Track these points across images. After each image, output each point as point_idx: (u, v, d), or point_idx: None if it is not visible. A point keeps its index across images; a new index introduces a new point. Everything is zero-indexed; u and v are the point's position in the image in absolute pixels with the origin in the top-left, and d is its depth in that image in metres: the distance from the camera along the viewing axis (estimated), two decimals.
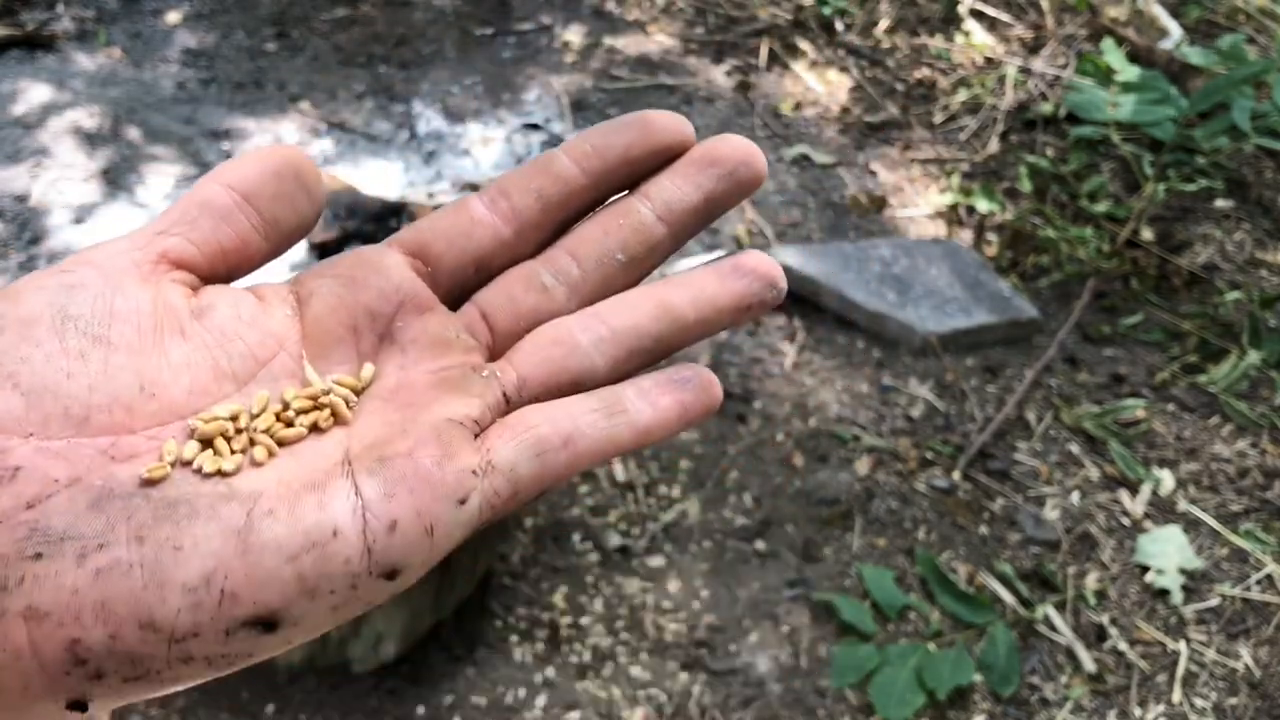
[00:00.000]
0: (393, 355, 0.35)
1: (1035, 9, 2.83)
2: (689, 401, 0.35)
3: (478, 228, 0.37)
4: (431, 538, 0.30)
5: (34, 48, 2.48)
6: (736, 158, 0.37)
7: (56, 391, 0.30)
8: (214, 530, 0.29)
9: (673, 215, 0.37)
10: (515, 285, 0.37)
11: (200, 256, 0.35)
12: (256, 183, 0.35)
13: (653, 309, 0.36)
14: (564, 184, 0.37)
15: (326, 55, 2.57)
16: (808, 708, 1.42)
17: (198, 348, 0.33)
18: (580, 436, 0.33)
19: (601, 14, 2.78)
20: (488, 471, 0.32)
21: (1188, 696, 1.47)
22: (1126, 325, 2.02)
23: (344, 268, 0.36)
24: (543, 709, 1.40)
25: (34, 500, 0.29)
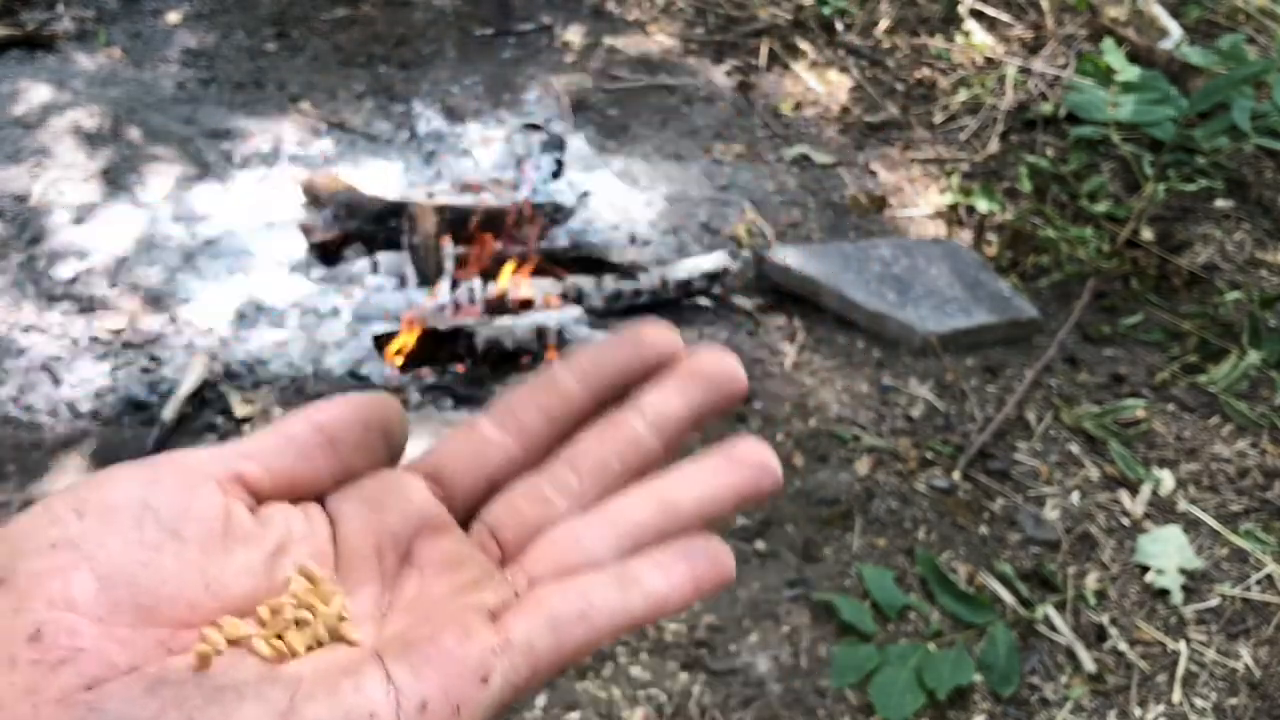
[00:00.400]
0: (411, 576, 0.37)
1: (1035, 9, 2.83)
2: (701, 572, 0.37)
3: (489, 448, 0.39)
4: (459, 716, 0.32)
5: (34, 48, 2.48)
6: (719, 373, 0.40)
7: (130, 579, 0.32)
8: (260, 712, 0.30)
9: (664, 426, 0.39)
10: (519, 499, 0.39)
11: (269, 484, 0.37)
12: (344, 429, 0.38)
13: (655, 507, 0.38)
14: (567, 401, 0.40)
15: (326, 55, 2.57)
16: (808, 708, 1.42)
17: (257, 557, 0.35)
18: (594, 610, 0.35)
19: (601, 14, 2.78)
20: (506, 649, 0.33)
21: (1188, 696, 1.47)
22: (1126, 325, 2.02)
23: (370, 491, 0.38)
24: (542, 709, 1.40)
25: (94, 682, 0.30)
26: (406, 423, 0.39)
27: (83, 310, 1.89)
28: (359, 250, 2.01)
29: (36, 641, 0.30)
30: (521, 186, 2.15)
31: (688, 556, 0.37)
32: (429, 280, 1.92)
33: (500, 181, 2.17)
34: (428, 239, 1.94)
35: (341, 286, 1.96)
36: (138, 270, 1.97)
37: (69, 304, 1.90)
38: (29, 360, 1.80)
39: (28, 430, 1.68)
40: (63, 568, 0.31)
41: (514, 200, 2.07)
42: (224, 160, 2.24)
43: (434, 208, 1.98)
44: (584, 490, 0.39)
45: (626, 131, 2.42)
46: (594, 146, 2.36)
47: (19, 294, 1.91)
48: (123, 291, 1.93)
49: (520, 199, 2.08)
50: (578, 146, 2.35)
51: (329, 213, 2.06)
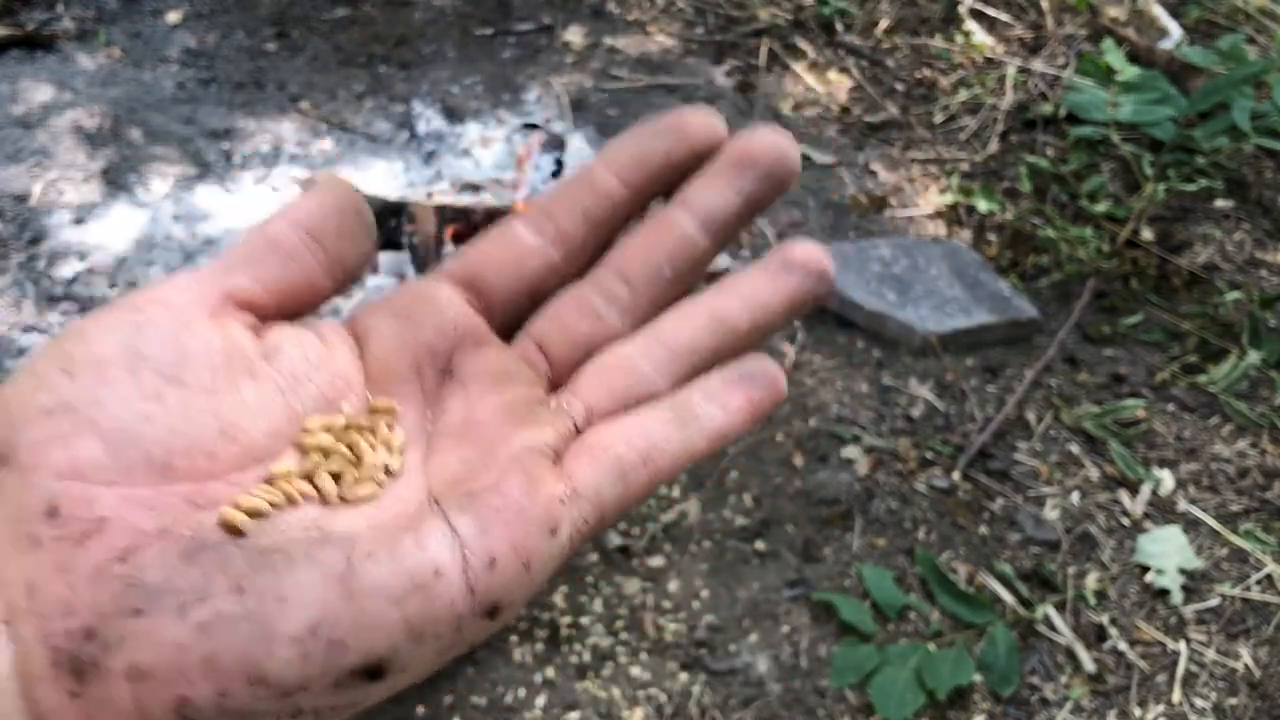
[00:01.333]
0: (455, 391, 0.35)
1: (1035, 9, 2.83)
2: (758, 398, 0.35)
3: (528, 255, 0.37)
4: (529, 572, 0.30)
5: (34, 48, 2.48)
6: (772, 155, 0.37)
7: (137, 437, 0.29)
8: (316, 577, 0.28)
9: (714, 223, 0.37)
10: (568, 313, 0.36)
11: (266, 296, 0.34)
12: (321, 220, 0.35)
13: (708, 322, 0.36)
14: (608, 200, 0.37)
15: (326, 55, 2.57)
16: (808, 708, 1.42)
17: (270, 390, 0.32)
18: (657, 452, 0.33)
19: (601, 14, 2.78)
20: (573, 499, 0.32)
21: (1188, 696, 1.47)
22: (1126, 325, 2.02)
23: (399, 305, 0.36)
24: (542, 709, 1.40)
25: (125, 553, 0.28)
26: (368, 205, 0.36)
27: (83, 310, 1.89)
28: None
29: (54, 517, 0.28)
30: (521, 187, 2.15)
31: (742, 383, 0.35)
32: None
33: (500, 181, 2.17)
34: (428, 239, 1.94)
35: None
36: (138, 270, 1.98)
37: (69, 304, 1.90)
38: (29, 360, 1.80)
39: None
40: (64, 434, 0.29)
41: (514, 200, 2.07)
42: (224, 160, 2.24)
43: (434, 208, 1.98)
44: (635, 300, 0.37)
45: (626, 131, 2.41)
46: (594, 146, 2.36)
47: (19, 294, 1.91)
48: (123, 291, 1.93)
49: (520, 199, 2.08)
50: (578, 146, 2.35)
51: None
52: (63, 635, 0.27)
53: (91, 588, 0.27)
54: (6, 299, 1.90)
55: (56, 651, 0.27)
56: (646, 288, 0.37)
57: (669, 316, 0.36)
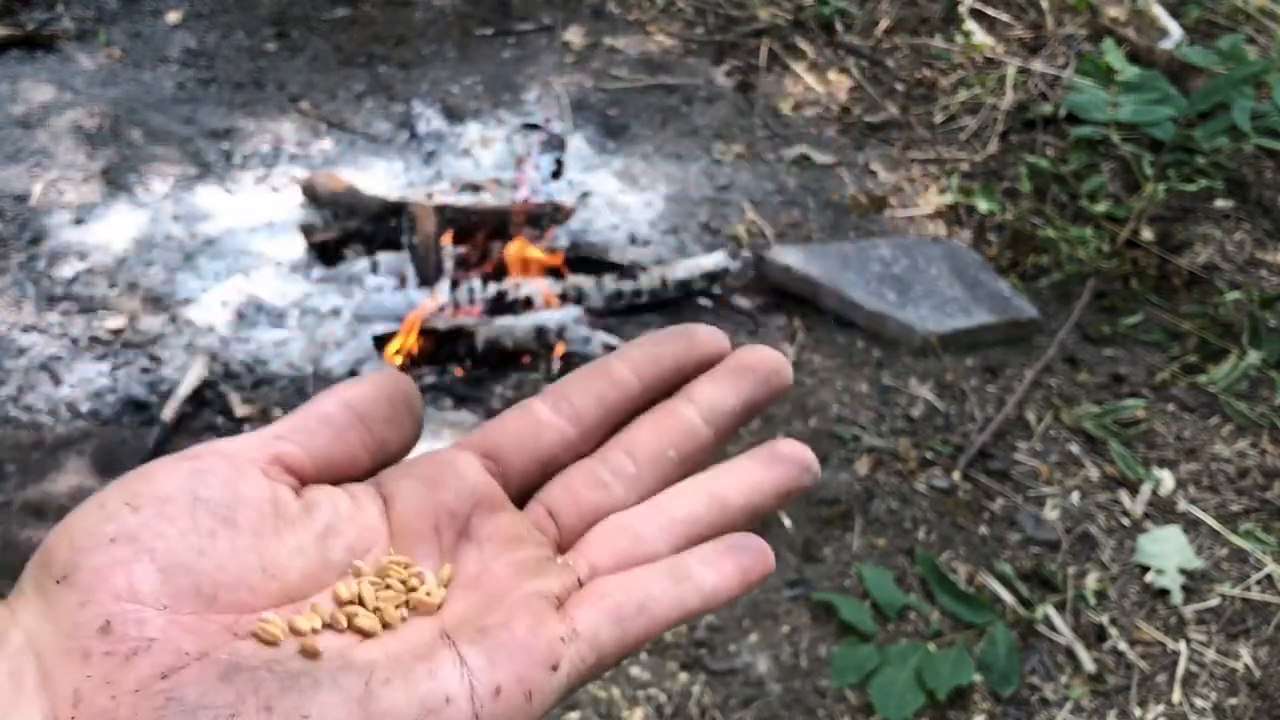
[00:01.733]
0: (470, 551, 0.38)
1: (1035, 9, 2.83)
2: (748, 565, 0.38)
3: (544, 430, 0.40)
4: (530, 702, 0.33)
5: (34, 48, 2.48)
6: (768, 367, 0.41)
7: (189, 568, 0.32)
8: (337, 700, 0.31)
9: (716, 417, 0.41)
10: (578, 483, 0.40)
11: (310, 464, 0.37)
12: (373, 404, 0.38)
13: (706, 498, 0.39)
14: (622, 389, 0.41)
15: (326, 55, 2.57)
16: (808, 708, 1.42)
17: (308, 538, 0.35)
18: (654, 602, 0.36)
19: (601, 14, 2.78)
20: (574, 639, 0.35)
21: (1188, 696, 1.47)
22: (1126, 325, 2.02)
23: (424, 470, 0.39)
24: None
25: (168, 671, 0.30)
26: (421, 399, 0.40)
27: (83, 310, 1.89)
28: (359, 250, 2.01)
29: (107, 634, 0.30)
30: (521, 187, 2.15)
31: (735, 552, 0.38)
32: (429, 280, 1.92)
33: (500, 181, 2.17)
34: (428, 239, 1.94)
35: (341, 286, 1.96)
36: (138, 270, 1.98)
37: (69, 304, 1.90)
38: (29, 360, 1.80)
39: (28, 430, 1.68)
40: (124, 561, 0.31)
41: (514, 200, 2.07)
42: (224, 160, 2.24)
43: (434, 208, 1.98)
44: (641, 477, 0.40)
45: (626, 131, 2.42)
46: (594, 146, 2.36)
47: (19, 294, 1.91)
48: (123, 291, 1.93)
49: (520, 199, 2.08)
50: (578, 146, 2.35)
51: (329, 213, 2.06)
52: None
53: (134, 701, 0.30)
54: (6, 299, 1.90)
55: None
56: (651, 466, 0.40)
57: (670, 491, 0.40)
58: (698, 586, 0.37)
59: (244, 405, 1.74)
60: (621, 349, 0.42)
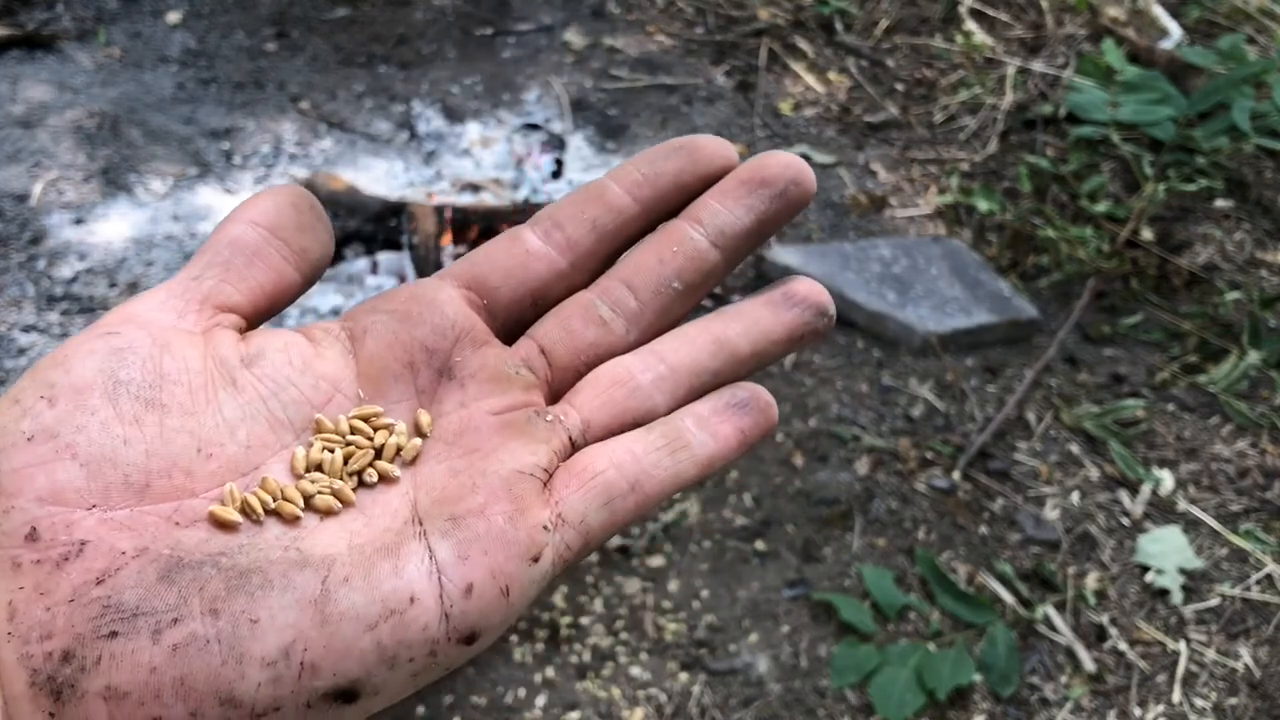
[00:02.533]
0: (452, 391, 0.35)
1: (1035, 9, 2.83)
2: (748, 426, 0.35)
3: (533, 260, 0.36)
4: (508, 598, 0.30)
5: (34, 48, 2.48)
6: (787, 176, 0.37)
7: (114, 460, 0.30)
8: (289, 601, 0.28)
9: (725, 240, 0.37)
10: (573, 318, 0.36)
11: (240, 296, 0.34)
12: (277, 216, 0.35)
13: (709, 345, 0.36)
14: (617, 213, 0.37)
15: (326, 55, 2.57)
16: (808, 708, 1.42)
17: (251, 399, 0.32)
18: (647, 478, 0.33)
19: (601, 14, 2.78)
20: (559, 525, 0.32)
21: (1188, 696, 1.47)
22: (1126, 325, 2.02)
23: (398, 303, 0.36)
24: (542, 709, 1.40)
25: (103, 575, 0.28)
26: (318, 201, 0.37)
27: (83, 310, 1.89)
28: (359, 250, 2.01)
29: (34, 541, 0.28)
30: (521, 186, 2.15)
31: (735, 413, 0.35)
32: None
33: (500, 181, 2.17)
34: (428, 239, 1.94)
35: (341, 286, 1.96)
36: (138, 270, 1.98)
37: (69, 304, 1.90)
38: (29, 360, 1.80)
39: None
40: (44, 460, 0.29)
41: (514, 200, 2.07)
42: (224, 160, 2.24)
43: (434, 208, 1.98)
44: (642, 311, 0.37)
45: (626, 131, 2.42)
46: (594, 146, 2.36)
47: (19, 294, 1.91)
48: (123, 291, 1.93)
49: (520, 199, 2.08)
50: (578, 146, 2.35)
51: (329, 213, 2.06)
52: (41, 658, 0.27)
53: (69, 611, 0.28)
54: (6, 299, 1.90)
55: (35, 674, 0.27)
56: (655, 299, 0.37)
57: (671, 336, 0.36)
58: (695, 455, 0.34)
59: None
60: (617, 168, 0.38)
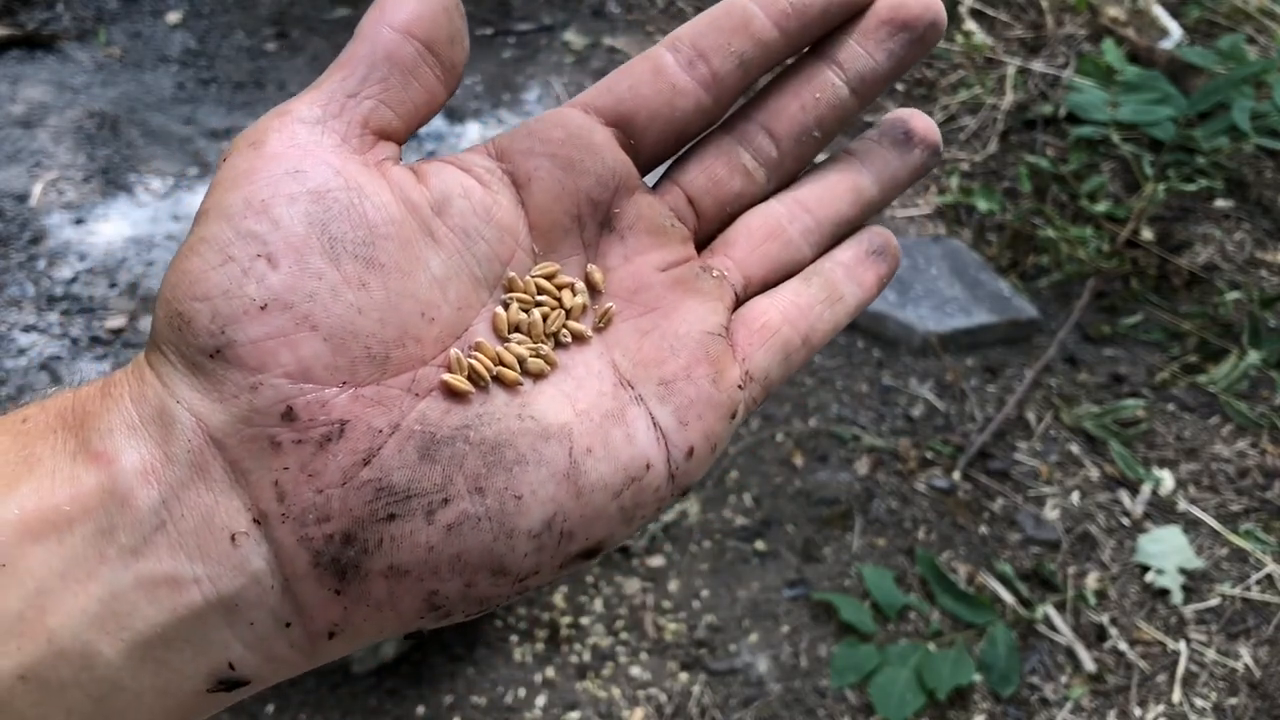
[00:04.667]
0: (613, 245, 0.35)
1: (1035, 9, 2.83)
2: (885, 273, 0.37)
3: (680, 97, 0.36)
4: (714, 453, 0.33)
5: (34, 48, 2.48)
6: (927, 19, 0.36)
7: (355, 331, 0.29)
8: (545, 475, 0.30)
9: (865, 86, 0.37)
10: (718, 168, 0.36)
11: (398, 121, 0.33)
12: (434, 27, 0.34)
13: (849, 194, 0.37)
14: (764, 47, 0.36)
15: (326, 55, 2.57)
16: (808, 708, 1.42)
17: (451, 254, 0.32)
18: (813, 331, 0.35)
19: (601, 14, 2.78)
20: (748, 383, 0.34)
21: (1188, 696, 1.47)
22: (1126, 325, 2.02)
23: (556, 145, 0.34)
24: (542, 709, 1.40)
25: (368, 455, 0.29)
26: None
27: (83, 310, 1.89)
28: None
29: (292, 420, 0.28)
30: None
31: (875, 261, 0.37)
32: None
33: None
34: None
35: None
36: (138, 270, 1.98)
37: (69, 304, 1.90)
38: (29, 360, 1.80)
39: None
40: (285, 332, 0.29)
41: None
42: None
43: None
44: (783, 160, 0.37)
45: None
46: None
47: (19, 294, 1.91)
48: (123, 291, 1.93)
49: None
50: None
51: None
52: (322, 540, 0.28)
53: (343, 494, 0.28)
54: (6, 299, 1.90)
55: (318, 555, 0.28)
56: (795, 147, 0.37)
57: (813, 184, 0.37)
58: (847, 306, 0.36)
59: None
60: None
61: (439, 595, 0.29)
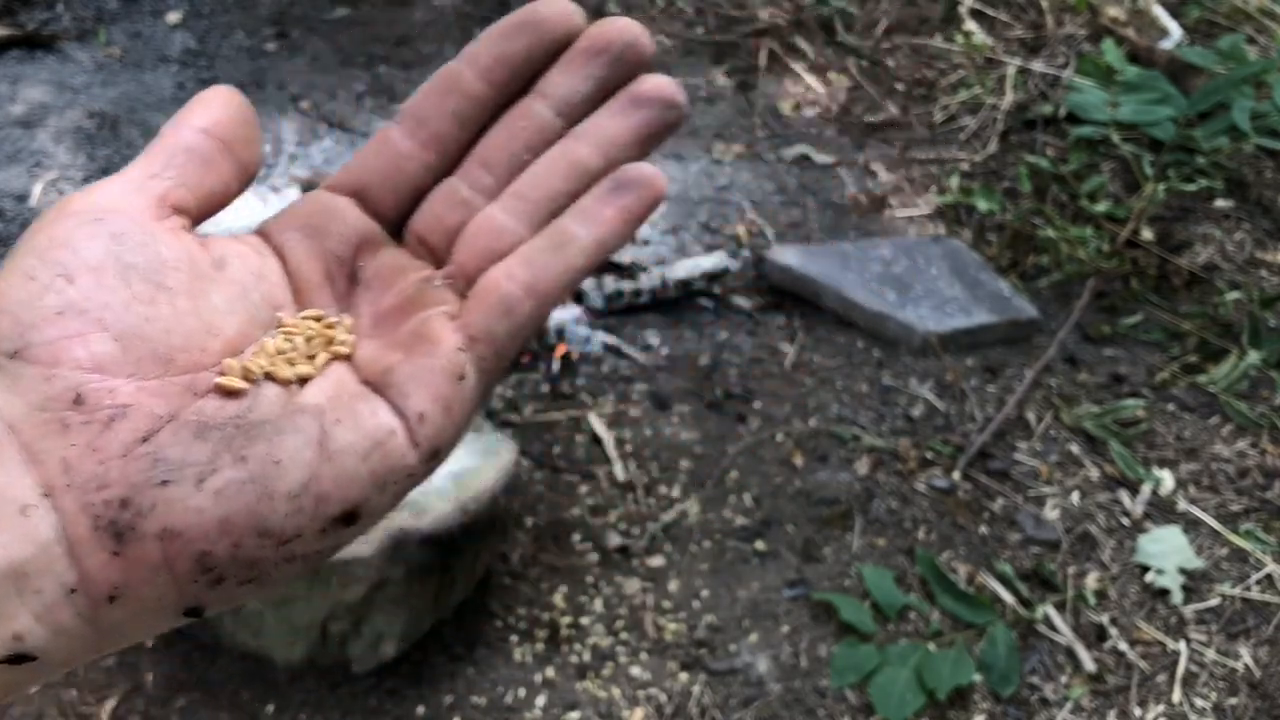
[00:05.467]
0: (361, 294, 0.40)
1: (1035, 9, 2.83)
2: (629, 204, 0.38)
3: (405, 161, 0.41)
4: (452, 415, 0.36)
5: (34, 48, 2.48)
6: (622, 41, 0.39)
7: (142, 334, 0.34)
8: (300, 442, 0.33)
9: (570, 108, 0.40)
10: (439, 205, 0.41)
11: (192, 202, 0.38)
12: (229, 128, 0.39)
13: (565, 170, 0.39)
14: (475, 101, 0.41)
15: (326, 55, 2.57)
16: (808, 708, 1.42)
17: (233, 294, 0.37)
18: (539, 280, 0.37)
19: (601, 14, 2.77)
20: (471, 344, 0.36)
21: (1188, 696, 1.47)
22: (1126, 325, 2.02)
23: (306, 217, 0.40)
24: (542, 709, 1.40)
25: (147, 434, 0.33)
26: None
27: None
28: None
29: (81, 405, 0.32)
30: None
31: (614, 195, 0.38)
32: None
33: None
34: None
35: None
36: None
37: None
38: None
39: None
40: (80, 332, 0.33)
41: None
42: None
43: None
44: (499, 186, 0.40)
45: None
46: None
47: None
48: None
49: None
50: None
51: None
52: (101, 505, 0.32)
53: (122, 464, 0.32)
54: None
55: (97, 519, 0.32)
56: (507, 172, 0.40)
57: (527, 174, 0.40)
58: (582, 245, 0.37)
59: None
60: (468, 49, 0.41)
61: (210, 556, 0.32)
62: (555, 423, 1.76)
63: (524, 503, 1.63)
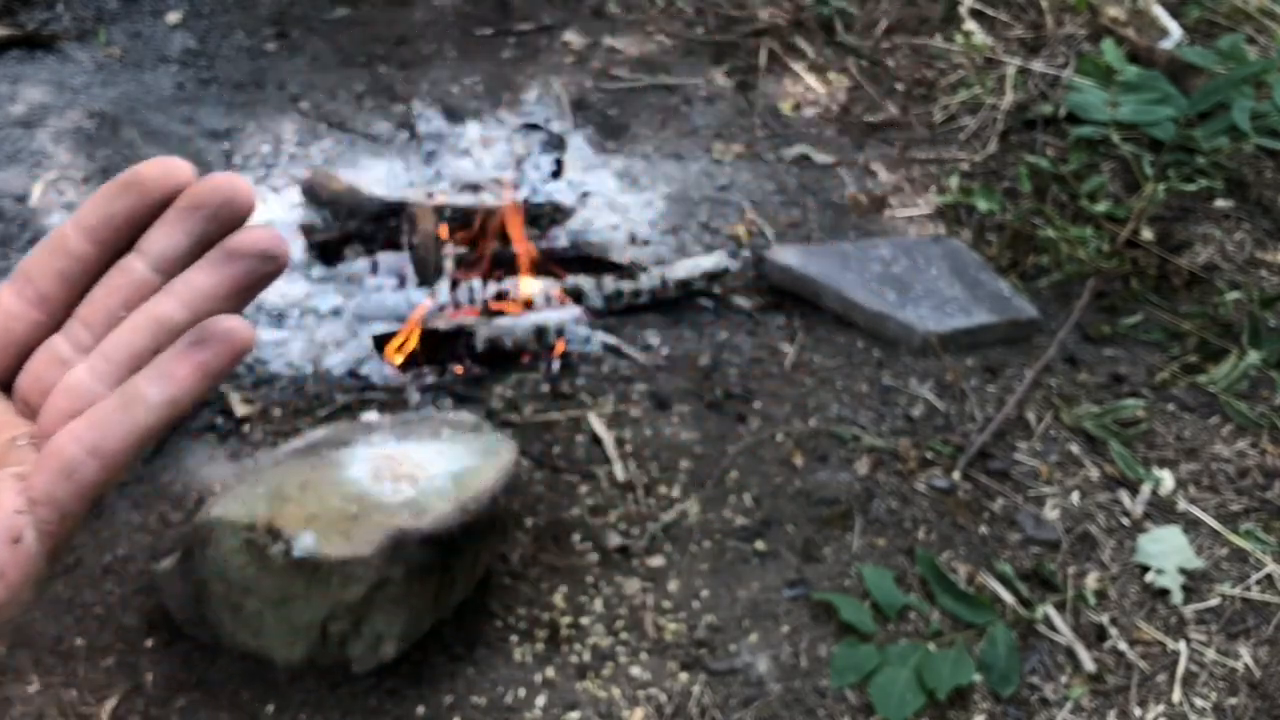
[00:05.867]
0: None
1: (1035, 9, 2.82)
2: (207, 360, 0.38)
3: (13, 321, 0.41)
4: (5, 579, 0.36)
5: (34, 48, 2.48)
6: (218, 199, 0.40)
7: None
8: None
9: (167, 264, 0.41)
10: (41, 365, 0.41)
11: None
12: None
13: (147, 327, 0.40)
14: (80, 261, 0.41)
15: (326, 55, 2.57)
16: (808, 708, 1.42)
17: None
18: (104, 441, 0.37)
19: (601, 14, 2.77)
20: (32, 507, 0.37)
21: (1188, 696, 1.47)
22: (1126, 325, 2.02)
23: None
24: (542, 709, 1.40)
25: None
26: None
27: None
28: (359, 250, 2.01)
29: None
30: (521, 186, 2.15)
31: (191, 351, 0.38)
32: (429, 280, 1.92)
33: (500, 181, 2.17)
34: (428, 239, 1.94)
35: (341, 286, 1.96)
36: None
37: None
38: None
39: None
40: None
41: (514, 200, 2.07)
42: (224, 160, 2.24)
43: (434, 208, 1.98)
44: (95, 343, 0.41)
45: (626, 131, 2.41)
46: (594, 146, 2.36)
47: None
48: None
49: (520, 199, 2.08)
50: (578, 146, 2.35)
51: (329, 213, 2.06)
52: None
53: None
54: None
55: None
56: (105, 330, 0.41)
57: (114, 333, 0.41)
58: (150, 403, 0.38)
59: (244, 405, 1.73)
60: (79, 209, 0.42)
61: None
62: (555, 423, 1.76)
63: (524, 503, 1.63)
